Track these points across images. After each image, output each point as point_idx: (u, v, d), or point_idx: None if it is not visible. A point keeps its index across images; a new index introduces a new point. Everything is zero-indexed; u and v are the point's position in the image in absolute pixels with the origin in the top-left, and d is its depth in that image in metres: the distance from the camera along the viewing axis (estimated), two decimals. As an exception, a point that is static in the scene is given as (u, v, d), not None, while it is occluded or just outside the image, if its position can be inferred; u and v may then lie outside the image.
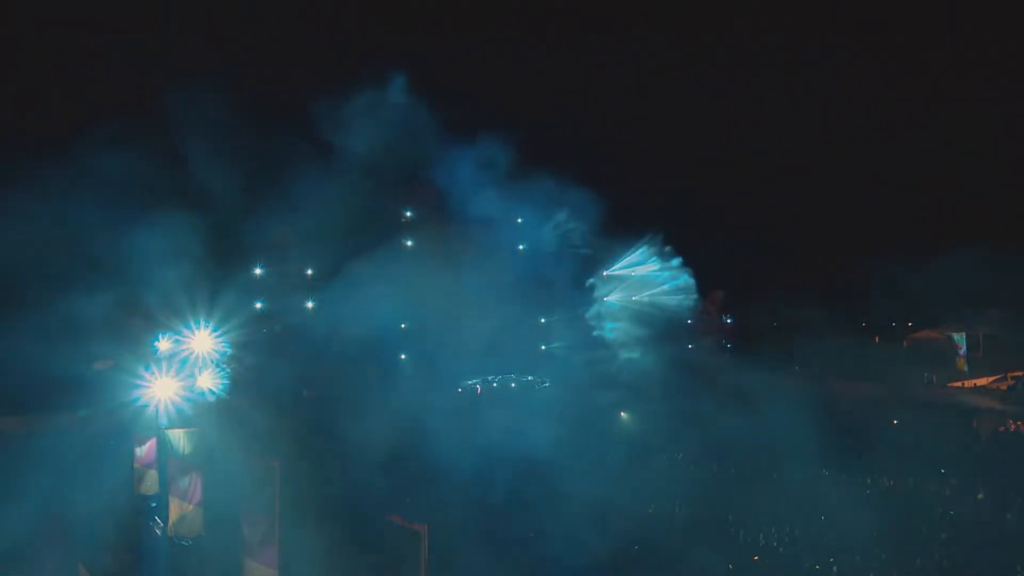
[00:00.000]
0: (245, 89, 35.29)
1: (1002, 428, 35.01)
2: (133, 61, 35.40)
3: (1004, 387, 40.83)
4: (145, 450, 24.36)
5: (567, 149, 42.60)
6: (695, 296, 44.94)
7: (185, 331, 31.44)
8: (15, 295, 29.40)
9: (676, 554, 21.13)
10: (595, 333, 43.99)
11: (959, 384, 41.63)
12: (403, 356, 41.58)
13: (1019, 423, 34.69)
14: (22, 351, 27.53)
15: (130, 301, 31.34)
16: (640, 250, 44.10)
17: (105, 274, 29.55)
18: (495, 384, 43.48)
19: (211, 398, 31.61)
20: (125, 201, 30.28)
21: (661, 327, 42.77)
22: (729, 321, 52.34)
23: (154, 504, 23.38)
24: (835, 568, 21.01)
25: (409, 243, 42.28)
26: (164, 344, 31.75)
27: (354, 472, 26.28)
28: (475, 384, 43.00)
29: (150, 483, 24.19)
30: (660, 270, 44.30)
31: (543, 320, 45.19)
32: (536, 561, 21.00)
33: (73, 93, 34.81)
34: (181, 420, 27.65)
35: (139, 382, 28.63)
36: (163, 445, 23.38)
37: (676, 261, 44.21)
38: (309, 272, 40.21)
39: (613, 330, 43.51)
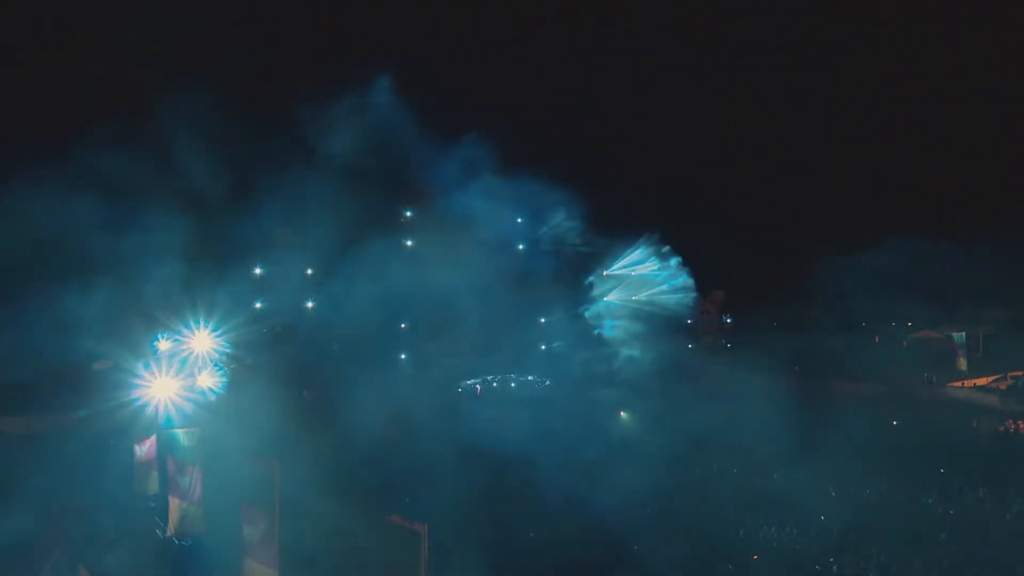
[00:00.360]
0: (246, 90, 35.35)
1: (1002, 428, 35.06)
2: (134, 62, 35.42)
3: (1004, 387, 40.90)
4: (145, 450, 24.30)
5: (567, 149, 42.68)
6: (694, 295, 44.99)
7: (185, 331, 31.46)
8: (16, 295, 29.41)
9: (676, 553, 21.13)
10: (595, 332, 44.02)
11: (959, 384, 41.69)
12: (403, 356, 41.62)
13: (1019, 423, 34.73)
14: (23, 351, 27.54)
15: (130, 301, 31.35)
16: (640, 249, 44.12)
17: (106, 275, 29.55)
18: (495, 384, 43.49)
19: (211, 397, 31.61)
20: (125, 202, 30.30)
21: (660, 326, 42.78)
22: (729, 321, 52.39)
23: (154, 504, 23.33)
24: (835, 568, 21.00)
25: (409, 243, 42.31)
26: (164, 344, 31.76)
27: (354, 471, 26.25)
28: (475, 384, 43.03)
29: (150, 483, 24.14)
30: (659, 269, 44.33)
31: (543, 319, 45.20)
32: (536, 560, 20.98)
33: (74, 95, 34.82)
34: (181, 419, 27.65)
35: (139, 382, 28.63)
36: (163, 445, 23.35)
37: (675, 261, 44.26)
38: (309, 272, 40.22)
39: (612, 329, 43.54)
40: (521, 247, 43.63)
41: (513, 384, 43.58)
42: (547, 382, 43.47)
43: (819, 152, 52.20)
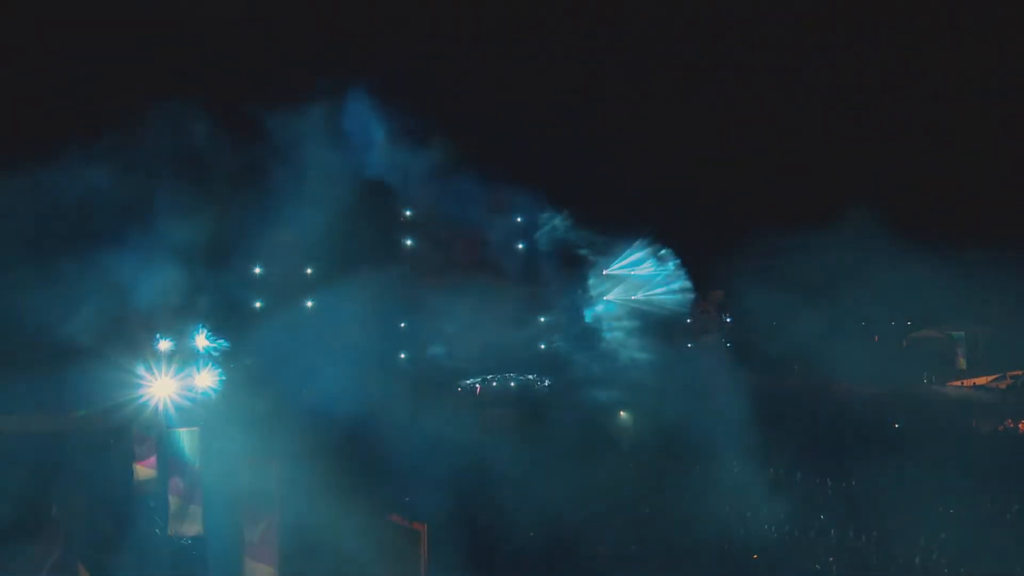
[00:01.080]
0: (239, 94, 35.32)
1: (1001, 427, 35.11)
2: (132, 64, 35.40)
3: (1004, 386, 40.97)
4: (145, 450, 24.34)
5: (566, 149, 42.65)
6: (693, 295, 44.99)
7: (185, 331, 31.48)
8: (15, 295, 29.42)
9: (677, 553, 21.16)
10: (593, 333, 44.04)
11: (958, 384, 41.75)
12: (402, 355, 41.67)
13: (1019, 423, 34.80)
14: (22, 351, 27.56)
15: (130, 301, 31.37)
16: (638, 250, 44.13)
17: (106, 275, 29.58)
18: (495, 384, 43.52)
19: (211, 397, 31.61)
20: (125, 203, 30.33)
21: (659, 327, 42.81)
22: (728, 321, 52.35)
23: (154, 504, 23.35)
24: (835, 568, 21.04)
25: (408, 243, 42.38)
26: (164, 344, 31.75)
27: (355, 471, 26.26)
28: (474, 384, 43.05)
29: (150, 483, 24.16)
30: (658, 270, 44.33)
31: (542, 319, 45.25)
32: (536, 561, 21.01)
33: (69, 101, 34.78)
34: (181, 419, 27.63)
35: (139, 381, 28.63)
36: (163, 444, 23.38)
37: (675, 262, 44.25)
38: (309, 271, 40.29)
39: (611, 330, 43.56)
40: (519, 247, 43.67)
41: (512, 384, 43.61)
42: (546, 382, 43.51)
43: (819, 151, 52.11)
